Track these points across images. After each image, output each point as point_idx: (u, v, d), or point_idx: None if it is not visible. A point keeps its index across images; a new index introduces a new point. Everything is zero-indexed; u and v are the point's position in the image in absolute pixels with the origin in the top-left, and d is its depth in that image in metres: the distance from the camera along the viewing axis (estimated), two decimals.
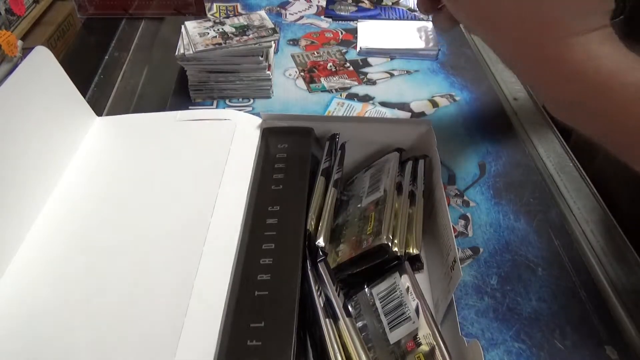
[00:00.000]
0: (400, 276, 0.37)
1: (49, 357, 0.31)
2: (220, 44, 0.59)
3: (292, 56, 0.72)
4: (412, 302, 0.35)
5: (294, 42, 0.76)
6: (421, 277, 0.43)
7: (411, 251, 0.38)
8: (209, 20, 0.64)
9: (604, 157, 0.59)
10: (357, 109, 0.63)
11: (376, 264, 0.37)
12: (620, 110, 0.30)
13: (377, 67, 0.71)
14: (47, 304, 0.34)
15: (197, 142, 0.46)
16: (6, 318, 0.33)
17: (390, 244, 0.37)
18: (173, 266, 0.36)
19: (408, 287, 0.36)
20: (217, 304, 0.33)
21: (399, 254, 0.37)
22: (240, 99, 0.64)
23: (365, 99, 0.65)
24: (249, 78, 0.62)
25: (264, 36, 0.60)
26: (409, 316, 0.34)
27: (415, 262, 0.37)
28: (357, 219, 0.41)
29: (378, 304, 0.37)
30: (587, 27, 0.31)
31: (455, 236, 0.45)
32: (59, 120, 0.44)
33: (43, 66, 0.43)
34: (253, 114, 0.49)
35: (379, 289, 0.38)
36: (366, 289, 0.39)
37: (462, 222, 0.49)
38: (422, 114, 0.63)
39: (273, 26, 0.62)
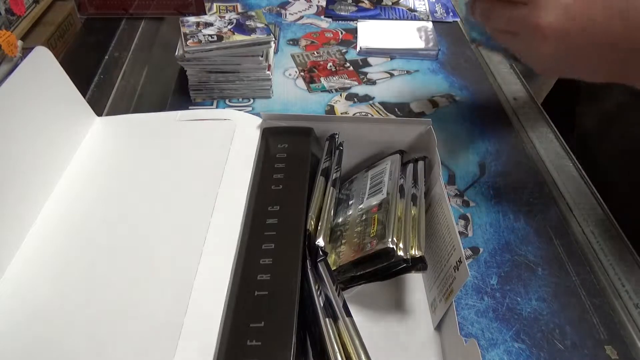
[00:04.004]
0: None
1: (49, 357, 0.31)
2: (215, 41, 0.59)
3: (292, 56, 0.72)
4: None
5: (294, 42, 0.76)
6: (418, 277, 0.43)
7: (415, 253, 0.38)
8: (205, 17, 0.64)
9: (607, 157, 0.60)
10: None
11: (380, 267, 0.37)
12: None
13: (377, 67, 0.71)
14: (47, 304, 0.34)
15: (197, 142, 0.46)
16: (6, 318, 0.33)
17: (395, 247, 0.37)
18: (173, 266, 0.36)
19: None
20: (217, 304, 0.33)
21: (405, 257, 0.37)
22: (240, 99, 0.64)
23: (365, 99, 0.65)
24: (249, 78, 0.62)
25: (260, 37, 0.60)
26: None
27: (418, 263, 0.37)
28: (358, 220, 0.41)
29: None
30: None
31: None
32: (59, 120, 0.44)
33: (43, 66, 0.43)
34: (253, 114, 0.49)
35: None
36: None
37: (462, 222, 0.49)
38: (422, 114, 0.63)
39: (268, 27, 0.62)
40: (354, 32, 0.78)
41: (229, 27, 0.62)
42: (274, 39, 0.62)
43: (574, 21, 0.36)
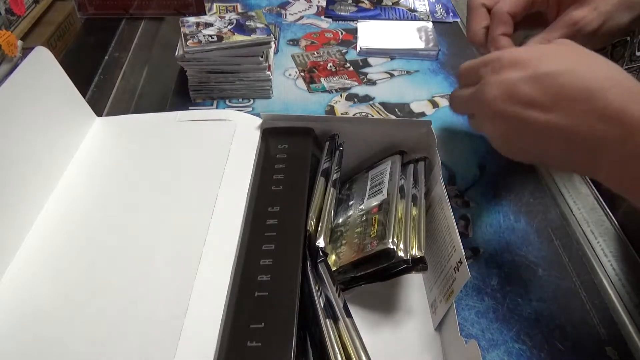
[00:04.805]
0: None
1: (49, 357, 0.31)
2: (215, 41, 0.59)
3: (292, 56, 0.72)
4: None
5: (294, 42, 0.76)
6: (418, 278, 0.43)
7: (415, 254, 0.37)
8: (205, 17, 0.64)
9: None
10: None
11: (380, 268, 0.37)
12: None
13: (377, 67, 0.71)
14: (47, 304, 0.34)
15: (197, 143, 0.46)
16: (6, 318, 0.33)
17: (395, 248, 0.37)
18: (173, 266, 0.36)
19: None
20: (217, 305, 0.33)
21: (405, 258, 0.37)
22: (240, 99, 0.64)
23: (366, 99, 0.65)
24: (249, 78, 0.62)
25: (260, 38, 0.60)
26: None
27: (418, 264, 0.37)
28: (358, 220, 0.41)
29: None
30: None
31: None
32: (59, 121, 0.44)
33: (43, 66, 0.43)
34: (253, 114, 0.49)
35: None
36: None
37: (462, 222, 0.49)
38: (422, 114, 0.63)
39: (268, 27, 0.62)
40: (354, 32, 0.78)
41: (229, 27, 0.62)
42: (274, 39, 0.62)
43: (514, 100, 0.36)
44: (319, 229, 0.39)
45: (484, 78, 0.38)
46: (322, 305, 0.33)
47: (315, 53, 0.73)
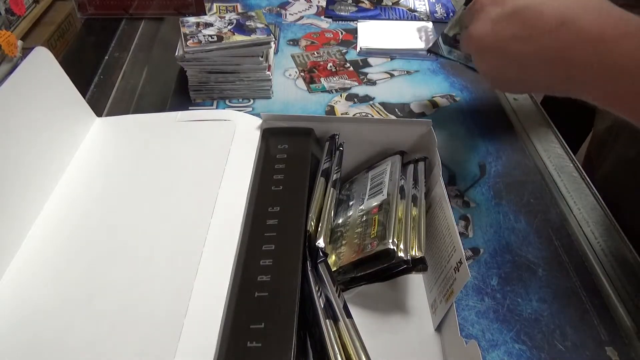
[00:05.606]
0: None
1: (49, 357, 0.31)
2: (215, 41, 0.59)
3: (292, 56, 0.72)
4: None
5: (294, 42, 0.76)
6: (419, 278, 0.43)
7: (415, 254, 0.37)
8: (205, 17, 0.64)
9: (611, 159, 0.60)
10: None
11: (380, 268, 0.37)
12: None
13: (377, 68, 0.71)
14: (47, 304, 0.34)
15: (197, 143, 0.46)
16: (6, 318, 0.33)
17: (395, 248, 0.37)
18: (173, 267, 0.36)
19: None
20: (217, 305, 0.33)
21: (405, 259, 0.37)
22: (241, 100, 0.64)
23: (366, 99, 0.65)
24: (249, 78, 0.62)
25: (260, 38, 0.60)
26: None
27: (418, 264, 0.37)
28: (358, 221, 0.41)
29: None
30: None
31: None
32: (58, 121, 0.44)
33: (43, 66, 0.43)
34: (253, 114, 0.49)
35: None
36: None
37: (463, 222, 0.49)
38: (422, 114, 0.63)
39: (268, 27, 0.62)
40: (354, 32, 0.78)
41: (229, 27, 0.62)
42: (274, 39, 0.62)
43: (497, 35, 0.39)
44: (319, 229, 0.38)
45: (473, 18, 0.42)
46: (322, 306, 0.33)
47: (315, 53, 0.73)
